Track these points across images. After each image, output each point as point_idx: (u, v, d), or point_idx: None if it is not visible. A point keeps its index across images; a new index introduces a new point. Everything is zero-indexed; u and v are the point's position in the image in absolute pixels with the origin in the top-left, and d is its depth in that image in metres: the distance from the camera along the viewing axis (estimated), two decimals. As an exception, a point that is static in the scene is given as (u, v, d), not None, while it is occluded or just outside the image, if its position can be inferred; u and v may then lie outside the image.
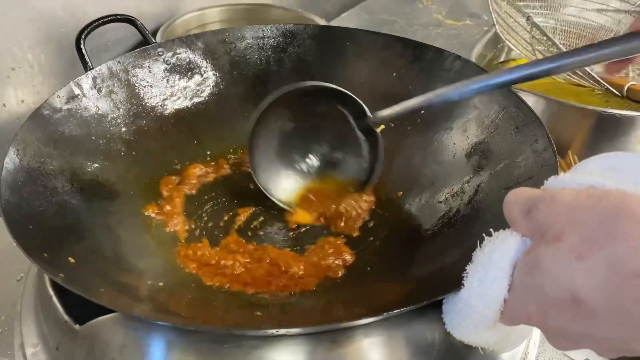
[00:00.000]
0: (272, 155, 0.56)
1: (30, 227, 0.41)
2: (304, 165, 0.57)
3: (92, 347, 0.39)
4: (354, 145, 0.55)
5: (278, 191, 0.55)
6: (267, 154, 0.55)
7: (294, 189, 0.56)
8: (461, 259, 0.34)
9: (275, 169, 0.56)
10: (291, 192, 0.56)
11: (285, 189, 0.56)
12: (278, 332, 0.35)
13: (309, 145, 0.57)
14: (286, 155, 0.56)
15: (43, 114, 0.50)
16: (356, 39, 0.64)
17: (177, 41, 0.61)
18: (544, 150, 0.47)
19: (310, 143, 0.57)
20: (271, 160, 0.55)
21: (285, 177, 0.56)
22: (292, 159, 0.56)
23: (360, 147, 0.55)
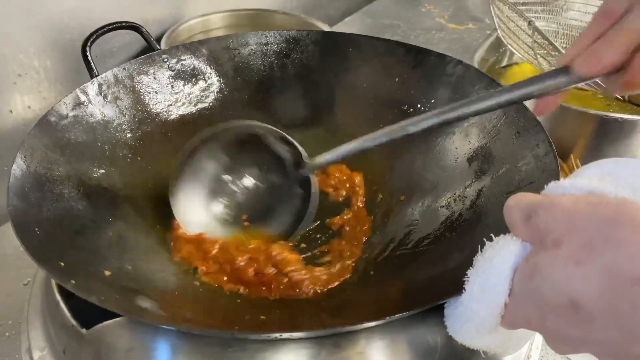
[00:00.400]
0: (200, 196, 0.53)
1: (37, 233, 0.42)
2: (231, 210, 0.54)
3: (98, 351, 0.39)
4: (287, 193, 0.53)
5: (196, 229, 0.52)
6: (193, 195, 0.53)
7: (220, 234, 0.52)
8: (463, 264, 0.35)
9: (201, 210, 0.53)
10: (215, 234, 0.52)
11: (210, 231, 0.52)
12: (282, 336, 0.35)
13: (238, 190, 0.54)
14: (214, 197, 0.54)
15: (50, 120, 0.51)
16: (358, 45, 0.64)
17: (181, 48, 0.62)
18: (545, 155, 0.47)
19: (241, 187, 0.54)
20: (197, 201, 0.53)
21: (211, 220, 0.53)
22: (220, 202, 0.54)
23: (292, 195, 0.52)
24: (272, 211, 0.54)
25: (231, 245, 0.50)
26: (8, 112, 0.70)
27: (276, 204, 0.53)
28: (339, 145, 0.49)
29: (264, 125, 0.52)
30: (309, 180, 0.51)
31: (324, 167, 0.51)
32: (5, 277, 0.60)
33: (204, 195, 0.53)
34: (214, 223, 0.53)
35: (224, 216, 0.54)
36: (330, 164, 0.50)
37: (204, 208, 0.53)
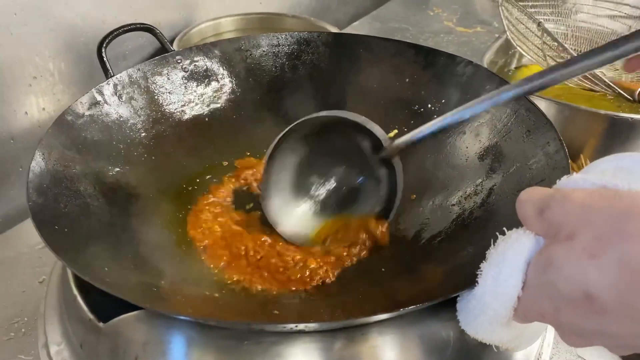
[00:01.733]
0: (286, 191, 0.55)
1: (56, 228, 0.43)
2: (318, 202, 0.55)
3: (115, 344, 0.40)
4: (370, 177, 0.54)
5: (293, 226, 0.54)
6: (280, 188, 0.54)
7: (309, 228, 0.54)
8: (475, 259, 0.35)
9: (288, 205, 0.54)
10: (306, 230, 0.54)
11: (302, 225, 0.54)
12: (297, 326, 0.36)
13: (324, 179, 0.56)
14: (302, 190, 0.55)
15: (67, 119, 0.51)
16: (369, 46, 0.65)
17: (194, 49, 0.63)
18: (556, 152, 0.47)
19: (327, 176, 0.56)
20: (284, 196, 0.54)
21: (298, 215, 0.55)
22: (308, 194, 0.55)
23: (377, 179, 0.53)
24: (359, 199, 0.54)
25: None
26: (24, 114, 0.72)
27: (362, 192, 0.54)
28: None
29: (340, 114, 0.52)
30: (391, 163, 0.51)
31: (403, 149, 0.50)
32: (21, 275, 0.60)
33: (291, 193, 0.55)
34: (305, 217, 0.54)
35: (312, 210, 0.55)
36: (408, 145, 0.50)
37: (294, 206, 0.55)
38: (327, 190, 0.56)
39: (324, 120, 0.53)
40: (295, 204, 0.55)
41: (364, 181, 0.54)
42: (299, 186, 0.55)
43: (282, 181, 0.54)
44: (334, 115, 0.52)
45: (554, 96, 0.70)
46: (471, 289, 0.35)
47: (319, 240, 0.53)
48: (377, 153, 0.52)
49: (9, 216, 0.73)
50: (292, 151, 0.54)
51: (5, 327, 0.55)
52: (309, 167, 0.55)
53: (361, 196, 0.54)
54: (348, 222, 0.54)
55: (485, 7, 1.31)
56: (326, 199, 0.55)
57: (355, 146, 0.53)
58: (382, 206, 0.53)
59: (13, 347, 0.53)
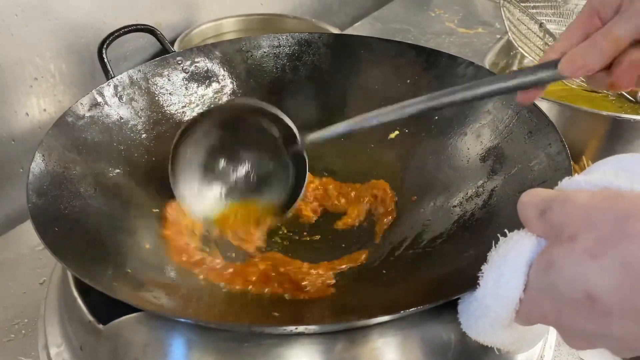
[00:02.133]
0: (196, 171, 0.54)
1: (56, 230, 0.43)
2: (228, 183, 0.55)
3: (115, 346, 0.40)
4: (281, 168, 0.54)
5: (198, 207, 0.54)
6: (190, 169, 0.54)
7: (215, 207, 0.54)
8: (476, 260, 0.35)
9: (197, 184, 0.54)
10: (211, 210, 0.54)
11: (206, 206, 0.54)
12: (297, 329, 0.36)
13: (235, 163, 0.55)
14: (210, 171, 0.55)
15: (67, 120, 0.51)
16: (370, 47, 0.65)
17: (195, 50, 0.63)
18: (558, 154, 0.47)
19: (237, 161, 0.55)
20: (194, 175, 0.54)
21: (207, 194, 0.54)
22: (216, 175, 0.55)
23: (287, 170, 0.54)
24: (267, 185, 0.55)
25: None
26: (24, 115, 0.72)
27: (271, 179, 0.55)
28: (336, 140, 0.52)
29: (258, 103, 0.53)
30: (302, 156, 0.52)
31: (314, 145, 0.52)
32: (21, 277, 0.60)
33: (201, 171, 0.54)
34: (211, 198, 0.54)
35: (221, 190, 0.55)
36: (322, 141, 0.51)
37: (201, 184, 0.54)
38: (236, 174, 0.55)
39: (240, 108, 0.54)
40: (203, 184, 0.55)
41: (273, 170, 0.55)
42: (209, 168, 0.55)
43: (192, 162, 0.54)
44: (250, 104, 0.53)
45: (556, 97, 0.69)
46: (472, 291, 0.35)
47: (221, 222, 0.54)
48: (289, 145, 0.53)
49: (9, 217, 0.73)
50: (205, 134, 0.54)
51: (6, 328, 0.55)
52: (221, 151, 0.55)
53: (268, 184, 0.55)
54: (251, 207, 0.55)
55: (487, 8, 1.30)
56: (234, 183, 0.55)
57: (268, 136, 0.53)
58: (286, 197, 0.54)
59: (13, 349, 0.53)
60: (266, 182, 0.55)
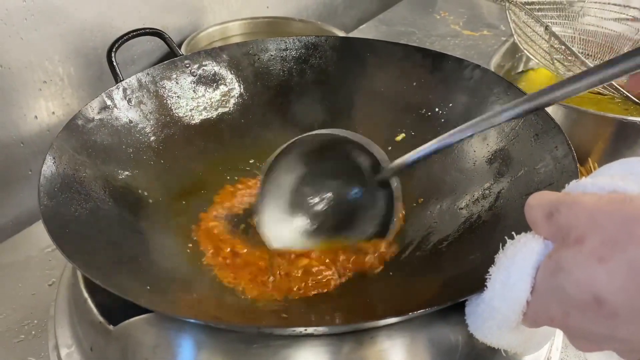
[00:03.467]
0: (281, 208, 0.53)
1: (67, 231, 0.43)
2: (314, 222, 0.53)
3: (125, 347, 0.40)
4: (368, 199, 0.52)
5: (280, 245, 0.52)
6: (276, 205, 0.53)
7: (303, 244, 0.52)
8: (483, 263, 0.35)
9: (282, 223, 0.53)
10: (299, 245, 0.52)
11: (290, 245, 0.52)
12: (306, 330, 0.36)
13: (321, 199, 0.54)
14: (296, 208, 0.53)
15: (77, 123, 0.52)
16: (376, 50, 0.65)
17: (203, 53, 0.63)
18: (564, 156, 0.47)
19: (323, 196, 0.54)
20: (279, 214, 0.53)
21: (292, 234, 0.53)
22: (302, 213, 0.53)
23: (375, 200, 0.52)
24: (356, 218, 0.53)
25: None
26: (33, 118, 0.72)
27: (359, 211, 0.53)
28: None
29: (339, 134, 0.51)
30: (388, 184, 0.50)
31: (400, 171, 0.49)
32: (31, 278, 0.61)
33: (287, 209, 0.53)
34: (299, 236, 0.53)
35: (308, 228, 0.53)
36: (406, 167, 0.48)
37: (288, 222, 0.53)
38: (324, 210, 0.54)
39: (323, 139, 0.52)
40: (289, 222, 0.53)
41: (361, 202, 0.53)
42: (295, 204, 0.53)
43: (278, 198, 0.53)
44: (333, 134, 0.51)
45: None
46: (480, 293, 0.35)
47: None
48: (375, 174, 0.50)
49: (18, 219, 0.73)
50: (289, 168, 0.52)
51: (16, 329, 0.55)
52: (306, 185, 0.53)
53: (358, 218, 0.53)
54: (343, 246, 0.52)
55: (492, 11, 1.31)
56: (322, 219, 0.54)
57: (353, 166, 0.51)
58: (378, 229, 0.52)
59: (23, 349, 0.53)
60: (355, 216, 0.53)
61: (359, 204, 0.53)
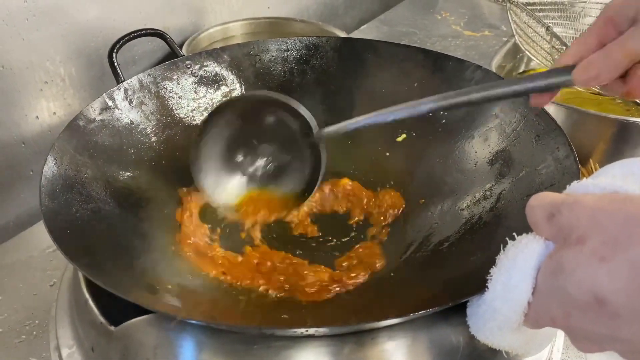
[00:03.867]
0: (217, 160, 0.55)
1: (68, 232, 0.43)
2: (247, 172, 0.56)
3: (126, 347, 0.40)
4: (298, 159, 0.55)
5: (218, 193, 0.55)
6: (212, 158, 0.55)
7: (236, 194, 0.56)
8: (484, 264, 0.35)
9: (218, 172, 0.55)
10: (232, 196, 0.56)
11: (227, 193, 0.56)
12: (307, 331, 0.36)
13: (254, 153, 0.56)
14: (231, 160, 0.56)
15: (78, 124, 0.52)
16: (377, 51, 0.65)
17: (204, 54, 0.63)
18: (566, 157, 0.47)
19: (256, 151, 0.56)
20: (215, 164, 0.55)
21: (227, 181, 0.56)
22: (236, 164, 0.56)
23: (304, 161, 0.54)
24: (285, 175, 0.56)
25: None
26: (34, 118, 0.72)
27: (289, 169, 0.55)
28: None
29: (276, 95, 0.53)
30: (317, 147, 0.52)
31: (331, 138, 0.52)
32: (32, 279, 0.61)
33: (222, 161, 0.55)
34: (231, 186, 0.56)
35: (240, 178, 0.56)
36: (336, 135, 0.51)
37: (222, 173, 0.55)
38: (255, 164, 0.56)
39: (258, 99, 0.54)
40: (222, 173, 0.56)
41: (291, 160, 0.55)
42: (229, 158, 0.56)
43: (213, 151, 0.55)
44: (267, 95, 0.54)
45: (563, 100, 0.69)
46: (481, 295, 0.35)
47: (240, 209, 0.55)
48: (306, 137, 0.53)
49: (19, 220, 0.73)
50: (225, 125, 0.54)
51: (17, 329, 0.55)
52: (240, 141, 0.55)
53: (286, 174, 0.56)
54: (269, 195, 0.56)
55: (493, 11, 1.31)
56: (254, 172, 0.56)
57: (286, 127, 0.54)
58: (303, 187, 0.54)
59: (24, 350, 0.53)
60: (284, 171, 0.56)
61: (288, 163, 0.56)
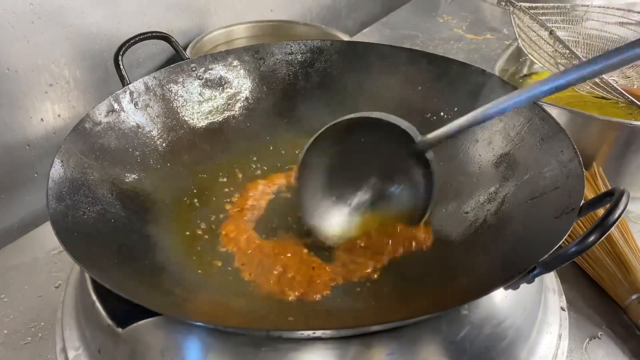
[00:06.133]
0: (320, 192, 0.54)
1: (75, 234, 0.43)
2: (354, 200, 0.55)
3: (133, 350, 0.41)
4: (404, 174, 0.52)
5: (327, 228, 0.54)
6: (314, 191, 0.54)
7: (346, 227, 0.54)
8: (488, 267, 0.35)
9: (323, 206, 0.54)
10: (342, 230, 0.54)
11: (335, 226, 0.54)
12: (314, 333, 0.36)
13: (357, 179, 0.55)
14: (335, 190, 0.55)
15: (85, 126, 0.52)
16: (381, 54, 0.65)
17: (209, 57, 0.64)
18: (570, 161, 0.47)
19: (359, 176, 0.55)
20: (319, 197, 0.54)
21: (334, 214, 0.54)
22: (341, 194, 0.55)
23: (411, 176, 0.52)
24: (393, 197, 0.54)
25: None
26: (39, 121, 0.73)
27: (398, 187, 0.53)
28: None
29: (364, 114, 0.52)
30: (424, 156, 0.50)
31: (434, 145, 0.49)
32: (37, 281, 0.61)
33: (326, 184, 0.54)
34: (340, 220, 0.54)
35: (347, 210, 0.55)
36: (441, 140, 0.49)
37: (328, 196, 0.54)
38: (360, 191, 0.55)
39: (351, 122, 0.52)
40: (329, 207, 0.54)
41: (397, 180, 0.53)
42: (332, 189, 0.55)
43: (315, 186, 0.54)
44: (360, 116, 0.52)
45: (566, 104, 0.70)
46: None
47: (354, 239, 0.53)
48: (408, 149, 0.50)
49: (24, 221, 0.74)
50: (322, 156, 0.53)
51: (22, 331, 0.55)
52: (340, 170, 0.54)
53: (395, 195, 0.54)
54: (383, 223, 0.53)
55: (495, 15, 1.31)
56: (360, 200, 0.55)
57: (386, 145, 0.52)
58: (416, 204, 0.52)
59: (30, 352, 0.53)
60: (392, 194, 0.54)
61: (395, 183, 0.54)
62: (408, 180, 0.52)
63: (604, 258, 0.58)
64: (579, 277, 0.61)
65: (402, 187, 0.53)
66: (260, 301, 0.47)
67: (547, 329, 0.49)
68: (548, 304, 0.50)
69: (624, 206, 0.36)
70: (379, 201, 0.54)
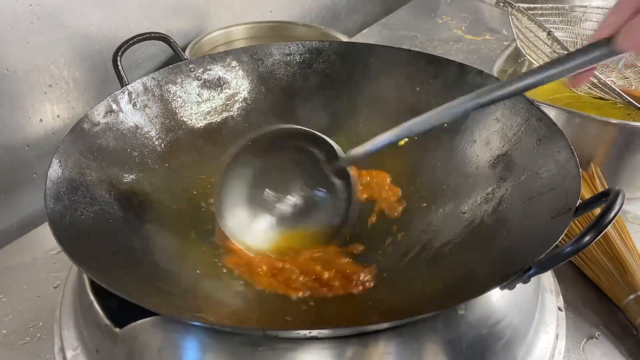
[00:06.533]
0: (243, 204, 0.54)
1: (73, 235, 0.43)
2: (276, 212, 0.55)
3: (131, 349, 0.41)
4: (327, 189, 0.54)
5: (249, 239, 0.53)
6: (236, 201, 0.54)
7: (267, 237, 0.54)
8: (485, 267, 0.36)
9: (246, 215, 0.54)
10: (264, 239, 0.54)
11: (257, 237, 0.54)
12: (311, 333, 0.36)
13: (281, 190, 0.55)
14: (257, 202, 0.55)
15: (83, 127, 0.52)
16: (380, 55, 0.66)
17: (207, 58, 0.64)
18: (567, 161, 0.47)
19: (282, 188, 0.55)
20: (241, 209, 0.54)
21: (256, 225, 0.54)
22: (263, 206, 0.55)
23: (334, 190, 0.54)
24: (315, 209, 0.55)
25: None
26: (38, 121, 0.73)
27: (320, 200, 0.54)
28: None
29: (293, 127, 0.53)
30: (346, 172, 0.51)
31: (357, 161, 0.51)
32: (36, 280, 0.61)
33: (246, 205, 0.54)
34: (260, 231, 0.54)
35: (268, 222, 0.55)
36: (365, 156, 0.50)
37: (248, 217, 0.54)
38: (284, 202, 0.55)
39: (277, 134, 0.53)
40: (252, 218, 0.54)
41: (320, 192, 0.55)
42: (256, 200, 0.55)
43: (238, 197, 0.54)
44: (286, 128, 0.53)
45: (564, 105, 0.70)
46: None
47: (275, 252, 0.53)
48: (331, 164, 0.52)
49: (23, 221, 0.74)
50: (246, 166, 0.53)
51: (21, 331, 0.55)
52: (264, 181, 0.55)
53: (318, 207, 0.55)
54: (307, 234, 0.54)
55: (494, 15, 1.31)
56: (283, 212, 0.55)
57: (309, 158, 0.53)
58: (339, 216, 0.54)
59: (29, 352, 0.53)
60: (316, 205, 0.55)
61: (318, 195, 0.55)
62: (330, 195, 0.54)
63: (602, 258, 0.58)
64: (576, 278, 0.61)
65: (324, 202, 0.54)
66: (258, 301, 0.47)
67: (544, 329, 0.49)
68: (545, 304, 0.51)
69: (619, 206, 0.36)
70: (301, 214, 0.55)
